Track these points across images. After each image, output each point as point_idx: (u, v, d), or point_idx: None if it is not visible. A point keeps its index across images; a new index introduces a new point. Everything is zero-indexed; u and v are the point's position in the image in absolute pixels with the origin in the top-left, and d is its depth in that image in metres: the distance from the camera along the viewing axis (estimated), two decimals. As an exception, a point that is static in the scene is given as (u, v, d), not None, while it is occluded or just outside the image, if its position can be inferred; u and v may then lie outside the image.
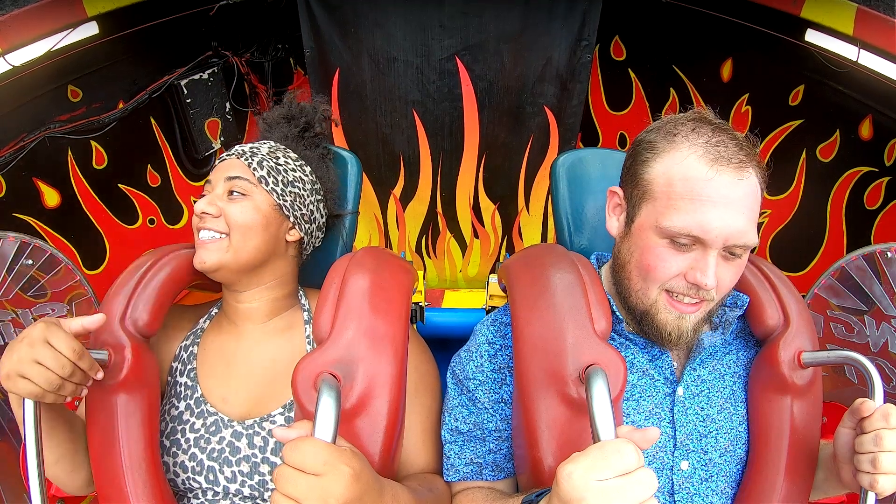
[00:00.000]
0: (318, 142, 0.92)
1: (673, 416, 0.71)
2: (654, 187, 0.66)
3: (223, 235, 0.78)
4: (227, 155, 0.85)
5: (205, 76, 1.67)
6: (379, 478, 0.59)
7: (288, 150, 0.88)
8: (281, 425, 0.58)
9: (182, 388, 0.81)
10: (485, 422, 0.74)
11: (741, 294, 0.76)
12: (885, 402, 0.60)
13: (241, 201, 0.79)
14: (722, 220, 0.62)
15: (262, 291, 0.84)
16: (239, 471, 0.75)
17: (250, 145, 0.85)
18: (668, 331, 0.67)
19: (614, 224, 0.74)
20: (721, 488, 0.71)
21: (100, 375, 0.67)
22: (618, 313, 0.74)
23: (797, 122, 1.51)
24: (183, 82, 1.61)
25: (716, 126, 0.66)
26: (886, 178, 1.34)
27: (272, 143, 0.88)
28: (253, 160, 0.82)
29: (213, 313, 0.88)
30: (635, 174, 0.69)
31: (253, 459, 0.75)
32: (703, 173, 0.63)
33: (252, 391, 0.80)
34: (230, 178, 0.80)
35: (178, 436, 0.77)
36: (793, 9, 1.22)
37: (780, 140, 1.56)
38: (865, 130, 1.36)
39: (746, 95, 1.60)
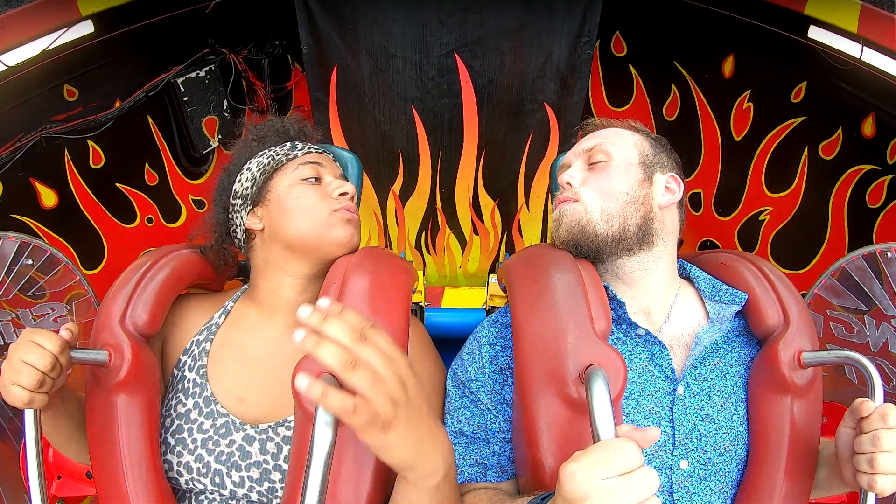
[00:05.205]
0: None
1: (672, 415, 0.71)
2: None
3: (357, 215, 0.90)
4: (316, 149, 0.92)
5: (202, 74, 1.66)
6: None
7: None
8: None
9: (190, 385, 0.78)
10: (488, 423, 0.74)
11: (738, 291, 0.76)
12: (884, 402, 0.60)
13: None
14: (579, 146, 0.86)
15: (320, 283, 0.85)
16: (248, 476, 0.72)
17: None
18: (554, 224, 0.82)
19: None
20: (720, 488, 0.71)
21: (68, 371, 0.68)
22: (618, 297, 0.74)
23: (799, 120, 1.50)
24: (180, 80, 1.60)
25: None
26: (889, 177, 1.33)
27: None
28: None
29: (228, 307, 0.85)
30: None
31: (264, 466, 0.72)
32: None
33: (270, 392, 0.77)
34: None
35: (185, 435, 0.74)
36: (796, 6, 1.21)
37: (781, 137, 1.55)
38: (868, 128, 1.35)
39: (748, 92, 1.58)
